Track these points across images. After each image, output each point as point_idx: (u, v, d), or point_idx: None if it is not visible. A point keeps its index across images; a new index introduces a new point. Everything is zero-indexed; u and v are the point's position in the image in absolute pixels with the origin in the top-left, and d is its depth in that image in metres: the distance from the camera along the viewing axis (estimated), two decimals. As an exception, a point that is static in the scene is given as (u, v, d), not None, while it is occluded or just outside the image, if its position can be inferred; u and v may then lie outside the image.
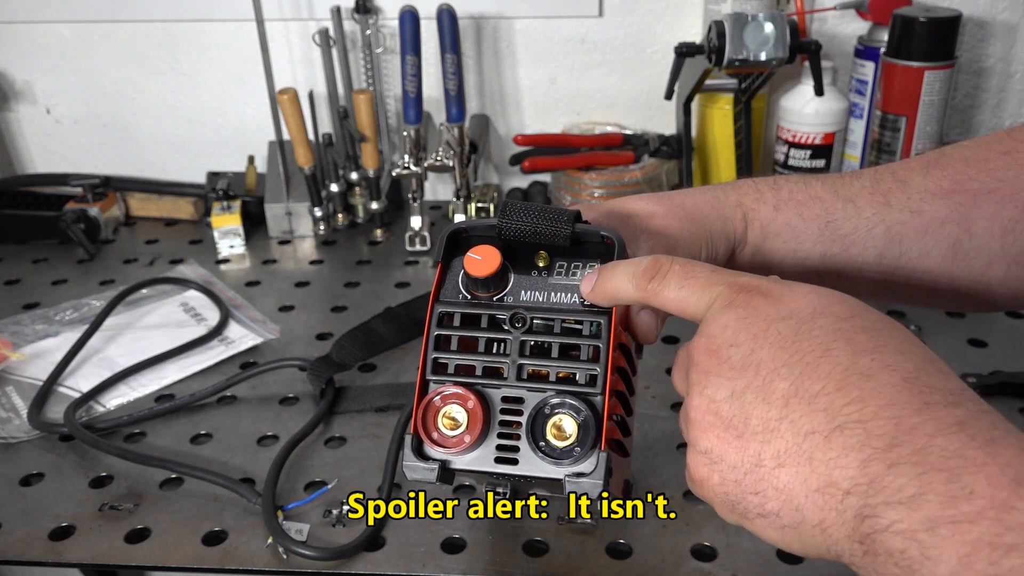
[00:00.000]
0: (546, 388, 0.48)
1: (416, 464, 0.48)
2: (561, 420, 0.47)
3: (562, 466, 0.47)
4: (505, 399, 0.48)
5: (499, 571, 0.66)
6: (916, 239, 0.55)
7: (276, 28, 1.25)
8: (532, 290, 0.50)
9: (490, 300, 0.50)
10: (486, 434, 0.48)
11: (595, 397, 0.47)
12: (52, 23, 1.31)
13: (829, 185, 0.57)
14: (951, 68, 1.03)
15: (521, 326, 0.49)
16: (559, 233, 0.49)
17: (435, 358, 0.49)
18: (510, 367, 0.48)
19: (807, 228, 0.56)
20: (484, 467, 0.48)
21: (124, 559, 0.69)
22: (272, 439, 0.83)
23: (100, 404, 0.88)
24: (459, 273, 0.51)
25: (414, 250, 1.18)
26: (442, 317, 0.50)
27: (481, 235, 0.51)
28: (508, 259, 0.50)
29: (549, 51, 1.27)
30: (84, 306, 1.06)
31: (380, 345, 0.93)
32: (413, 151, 1.15)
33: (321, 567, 0.67)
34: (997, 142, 0.55)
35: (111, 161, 1.41)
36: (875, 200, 0.56)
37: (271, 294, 1.09)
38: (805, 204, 0.56)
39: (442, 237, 0.51)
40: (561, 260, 0.50)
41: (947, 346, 0.93)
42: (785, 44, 1.00)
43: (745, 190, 0.58)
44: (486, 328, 0.49)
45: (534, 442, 0.47)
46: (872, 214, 0.56)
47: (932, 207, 0.54)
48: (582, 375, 0.48)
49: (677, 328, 0.98)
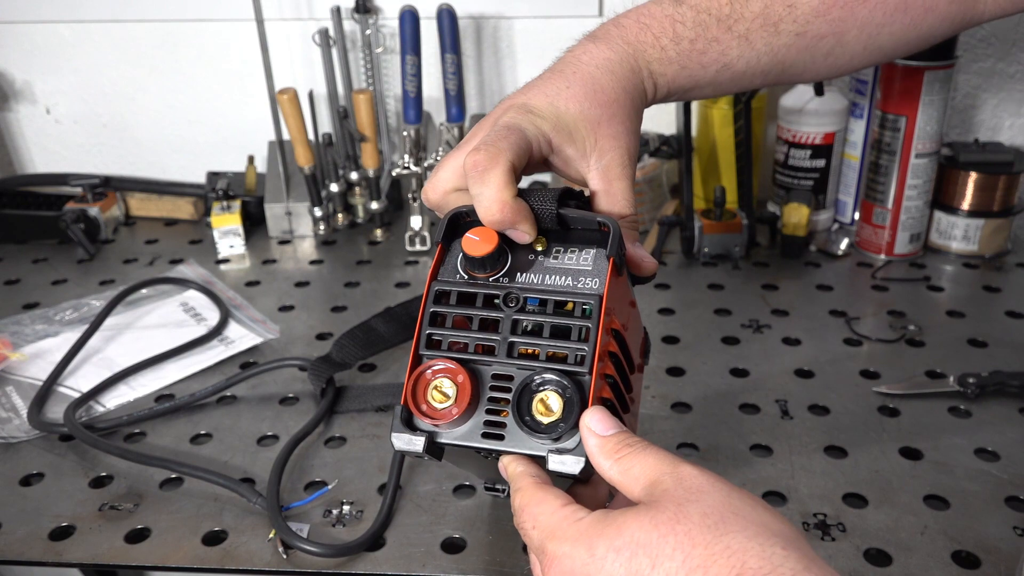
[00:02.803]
0: (536, 366, 0.48)
1: (404, 435, 0.49)
2: (547, 396, 0.47)
3: (546, 442, 0.47)
4: (495, 376, 0.49)
5: (499, 571, 0.66)
6: (797, 56, 0.62)
7: (276, 28, 1.25)
8: (528, 272, 0.51)
9: (487, 280, 0.51)
10: (475, 408, 0.49)
11: (583, 377, 0.48)
12: (52, 23, 1.31)
13: (724, 23, 0.60)
14: (951, 68, 1.03)
15: (514, 305, 0.49)
16: (544, 213, 0.50)
17: (429, 333, 0.50)
18: (501, 344, 0.49)
19: (705, 74, 0.61)
20: (471, 441, 0.49)
21: (124, 559, 0.69)
22: (272, 439, 0.83)
23: (100, 404, 0.88)
24: (458, 255, 0.52)
25: (414, 250, 1.18)
26: (439, 295, 0.50)
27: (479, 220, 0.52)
28: (507, 243, 0.51)
29: (549, 51, 1.25)
30: (84, 306, 1.06)
31: (380, 344, 0.93)
32: (413, 151, 1.15)
33: (323, 565, 0.67)
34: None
35: (111, 161, 1.41)
36: (766, 31, 0.61)
37: (271, 294, 1.09)
38: (704, 52, 0.60)
39: (444, 219, 0.52)
40: (558, 245, 0.51)
41: (947, 346, 0.93)
42: (785, 44, 1.00)
43: (650, 52, 0.59)
44: (480, 307, 0.50)
45: (519, 416, 0.48)
46: (763, 45, 0.61)
47: (815, 26, 0.61)
48: (572, 355, 0.48)
49: (677, 328, 0.98)
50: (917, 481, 0.74)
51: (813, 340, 0.95)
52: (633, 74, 0.58)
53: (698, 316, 1.01)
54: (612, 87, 0.57)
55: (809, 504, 0.72)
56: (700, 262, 1.13)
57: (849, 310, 1.01)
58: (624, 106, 0.57)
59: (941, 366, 0.90)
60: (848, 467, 0.76)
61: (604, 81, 0.57)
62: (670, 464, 0.43)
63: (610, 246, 0.49)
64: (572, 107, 0.55)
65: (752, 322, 0.99)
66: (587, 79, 0.56)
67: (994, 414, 0.82)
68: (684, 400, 0.85)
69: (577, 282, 0.50)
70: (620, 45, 0.59)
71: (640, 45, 0.59)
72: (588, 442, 0.45)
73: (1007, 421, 0.82)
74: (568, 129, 0.55)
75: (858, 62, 0.65)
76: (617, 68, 0.58)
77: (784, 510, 0.71)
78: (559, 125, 0.55)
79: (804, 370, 0.90)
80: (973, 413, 0.83)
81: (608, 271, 0.49)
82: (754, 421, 0.83)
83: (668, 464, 0.43)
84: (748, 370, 0.90)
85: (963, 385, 0.84)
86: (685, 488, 0.41)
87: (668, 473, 0.43)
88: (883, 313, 1.00)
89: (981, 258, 1.12)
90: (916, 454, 0.78)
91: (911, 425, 0.81)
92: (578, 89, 0.56)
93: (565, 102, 0.55)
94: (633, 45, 0.59)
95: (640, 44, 0.59)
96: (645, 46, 0.59)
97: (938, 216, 1.13)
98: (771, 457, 0.78)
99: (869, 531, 0.69)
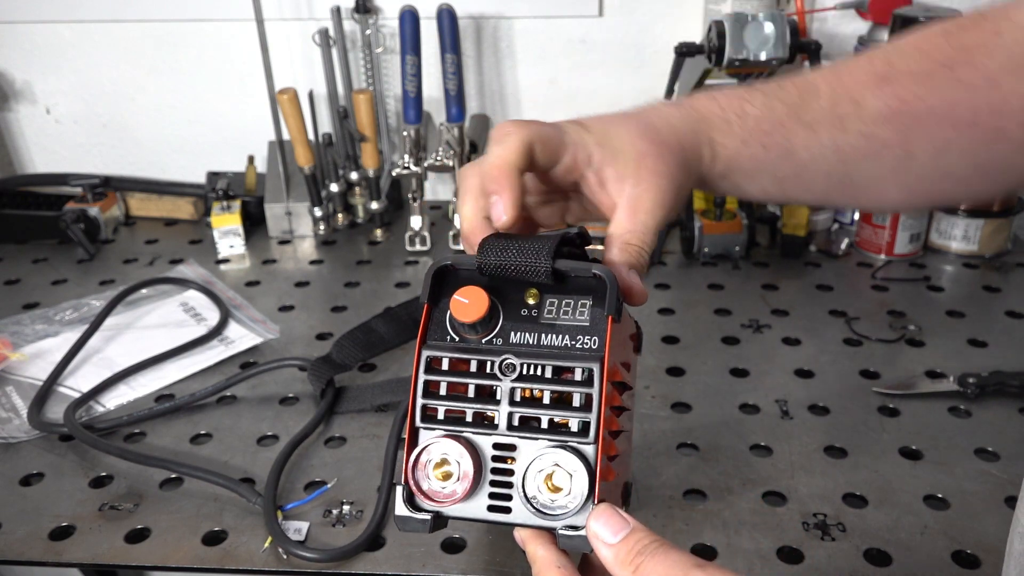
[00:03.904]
0: (538, 437, 0.47)
1: (408, 516, 0.47)
2: (553, 474, 0.46)
3: (556, 520, 0.46)
4: (496, 446, 0.47)
5: (499, 571, 0.66)
6: (863, 162, 0.59)
7: (276, 28, 1.25)
8: (522, 331, 0.48)
9: (479, 342, 0.49)
10: (478, 484, 0.47)
11: (587, 447, 0.46)
12: (52, 23, 1.31)
13: (792, 109, 0.58)
14: (951, 68, 1.03)
15: (511, 373, 0.47)
16: (538, 269, 0.47)
17: (424, 405, 0.48)
18: (501, 415, 0.47)
19: (768, 157, 0.58)
20: (478, 515, 0.47)
21: (124, 559, 0.69)
22: (272, 439, 0.83)
23: (100, 404, 0.88)
24: (447, 312, 0.49)
25: (414, 250, 1.18)
26: (430, 361, 0.48)
27: (468, 269, 0.49)
28: (497, 296, 0.49)
29: (549, 51, 1.27)
30: (84, 306, 1.06)
31: (380, 345, 0.93)
32: (413, 151, 1.15)
33: (323, 565, 0.67)
34: (936, 50, 0.56)
35: (111, 161, 1.41)
36: (832, 126, 0.58)
37: (271, 294, 1.09)
38: (769, 133, 0.57)
39: (428, 275, 0.49)
40: (552, 297, 0.49)
41: (947, 346, 0.93)
42: (785, 44, 1.00)
43: (714, 122, 0.58)
44: (475, 373, 0.48)
45: (526, 496, 0.46)
46: (828, 139, 0.58)
47: (881, 131, 0.57)
48: (574, 423, 0.46)
49: (677, 328, 0.98)
50: (917, 481, 0.74)
51: (813, 340, 0.95)
52: (693, 134, 0.57)
53: (698, 316, 1.01)
54: (668, 134, 0.55)
55: (809, 504, 0.72)
56: (700, 262, 1.13)
57: (849, 310, 1.01)
58: (675, 154, 0.55)
59: (941, 366, 0.90)
60: (848, 467, 0.76)
61: (661, 127, 0.56)
62: (683, 571, 0.42)
63: (608, 304, 0.46)
64: (623, 133, 0.54)
65: (752, 322, 0.99)
66: (645, 121, 0.56)
67: (994, 414, 0.82)
68: (684, 400, 0.85)
69: (575, 341, 0.48)
70: (686, 109, 0.58)
71: (706, 113, 0.58)
72: (600, 552, 0.44)
73: (1007, 421, 0.81)
74: (613, 149, 0.54)
75: (928, 185, 0.60)
76: (678, 123, 0.56)
77: (784, 510, 0.71)
78: (605, 142, 0.54)
79: (804, 370, 0.90)
80: (973, 413, 0.83)
81: (608, 330, 0.47)
82: (754, 421, 0.82)
83: (681, 570, 0.42)
84: (748, 370, 0.90)
85: (963, 385, 0.84)
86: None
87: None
88: (883, 313, 1.00)
89: (981, 258, 1.12)
90: (916, 454, 0.78)
91: (911, 425, 0.81)
92: (633, 125, 0.55)
93: (616, 127, 0.55)
94: (699, 111, 0.58)
95: (706, 112, 0.58)
96: (711, 115, 0.58)
97: (938, 216, 1.13)
98: (771, 457, 0.78)
99: (869, 531, 0.69)
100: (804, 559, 0.66)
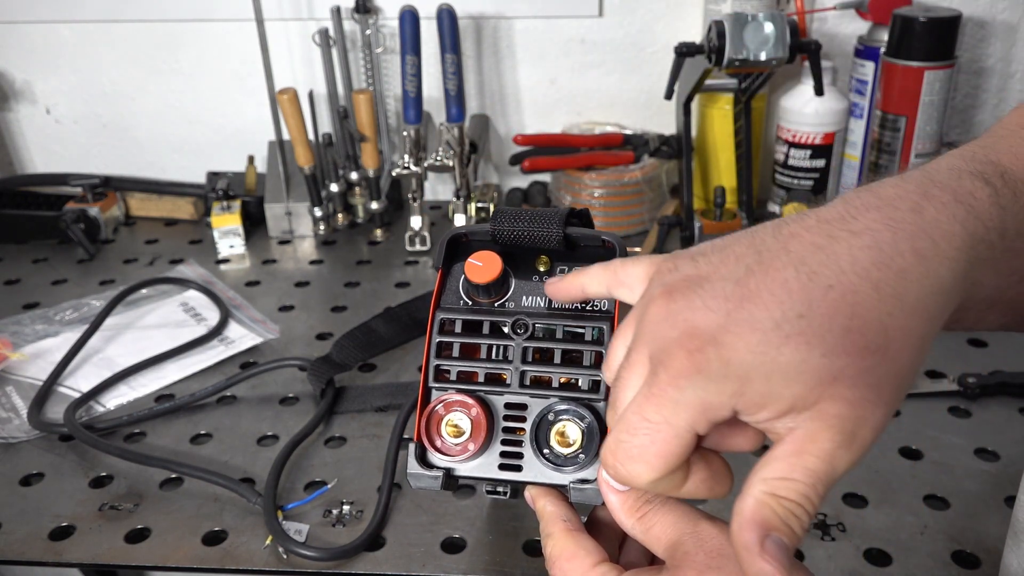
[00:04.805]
0: (549, 394, 0.48)
1: (420, 472, 0.48)
2: (565, 427, 0.47)
3: (566, 473, 0.47)
4: (508, 405, 0.48)
5: (499, 571, 0.66)
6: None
7: (276, 28, 1.25)
8: (534, 295, 0.50)
9: (491, 306, 0.50)
10: (490, 441, 0.48)
11: (598, 403, 0.47)
12: (52, 23, 1.31)
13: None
14: (951, 68, 1.03)
15: (523, 332, 0.49)
16: (550, 235, 0.49)
17: (437, 365, 0.49)
18: (513, 374, 0.48)
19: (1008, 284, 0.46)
20: (488, 473, 0.48)
21: (124, 559, 0.69)
22: (272, 439, 0.83)
23: (100, 404, 0.88)
24: (460, 278, 0.51)
25: (414, 250, 1.18)
26: (443, 323, 0.50)
27: (480, 239, 0.51)
28: (509, 264, 0.50)
29: (549, 51, 1.27)
30: (84, 306, 1.06)
31: (380, 345, 0.93)
32: (413, 151, 1.15)
33: (323, 565, 0.67)
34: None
35: (111, 161, 1.41)
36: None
37: (271, 294, 1.09)
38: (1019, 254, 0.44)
39: (442, 242, 0.51)
40: (562, 265, 0.50)
41: (947, 346, 0.93)
42: (785, 44, 1.00)
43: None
44: (488, 334, 0.49)
45: (538, 449, 0.47)
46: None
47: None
48: (585, 381, 0.48)
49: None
50: (917, 481, 0.74)
51: (813, 340, 0.95)
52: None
53: (698, 316, 1.01)
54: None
55: (809, 504, 0.72)
56: (700, 262, 1.12)
57: (849, 310, 1.00)
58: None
59: (941, 366, 0.90)
60: (848, 467, 0.76)
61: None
62: (691, 523, 0.43)
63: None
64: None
65: (752, 322, 0.99)
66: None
67: (994, 414, 0.82)
68: (684, 400, 0.85)
69: (584, 304, 0.49)
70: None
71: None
72: (608, 498, 0.44)
73: (1007, 421, 0.81)
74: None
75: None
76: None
77: (784, 510, 0.71)
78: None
79: (804, 370, 0.90)
80: (973, 413, 0.83)
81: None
82: (754, 421, 0.82)
83: (689, 523, 0.43)
84: (748, 370, 0.90)
85: (963, 385, 0.84)
86: (707, 552, 0.41)
87: (689, 534, 0.42)
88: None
89: (981, 258, 1.12)
90: (916, 454, 0.78)
91: (911, 425, 0.81)
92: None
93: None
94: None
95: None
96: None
97: (938, 216, 1.13)
98: (771, 457, 0.77)
99: (869, 531, 0.69)
100: (804, 559, 0.66)
